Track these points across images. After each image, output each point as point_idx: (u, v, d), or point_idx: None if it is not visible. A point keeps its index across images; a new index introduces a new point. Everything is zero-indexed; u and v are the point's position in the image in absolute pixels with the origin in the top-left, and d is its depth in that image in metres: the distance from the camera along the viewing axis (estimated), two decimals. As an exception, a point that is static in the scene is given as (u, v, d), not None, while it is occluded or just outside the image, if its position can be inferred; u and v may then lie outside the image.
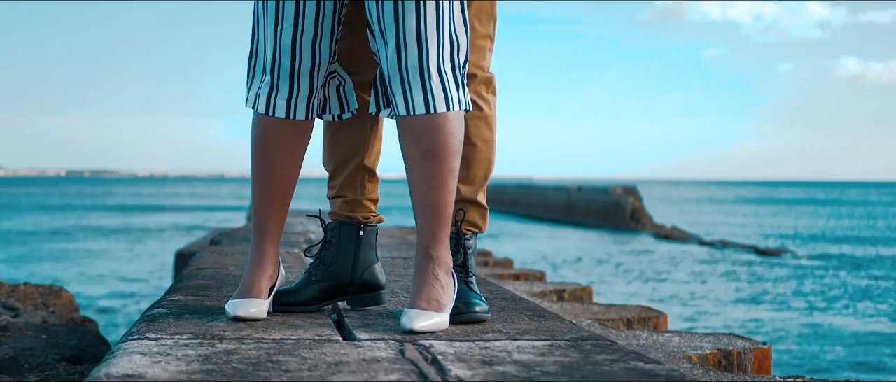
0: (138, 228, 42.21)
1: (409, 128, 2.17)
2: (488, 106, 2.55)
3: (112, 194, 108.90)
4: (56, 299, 4.13)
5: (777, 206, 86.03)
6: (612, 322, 4.53)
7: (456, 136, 2.18)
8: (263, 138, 2.29)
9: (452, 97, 2.17)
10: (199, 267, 3.47)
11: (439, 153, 2.16)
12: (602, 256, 28.34)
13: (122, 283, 20.90)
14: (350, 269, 2.51)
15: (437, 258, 2.22)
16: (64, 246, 31.46)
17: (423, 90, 2.14)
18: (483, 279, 5.41)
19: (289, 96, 2.27)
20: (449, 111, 2.16)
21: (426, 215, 2.20)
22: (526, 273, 5.79)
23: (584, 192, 52.09)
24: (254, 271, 2.34)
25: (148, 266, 24.64)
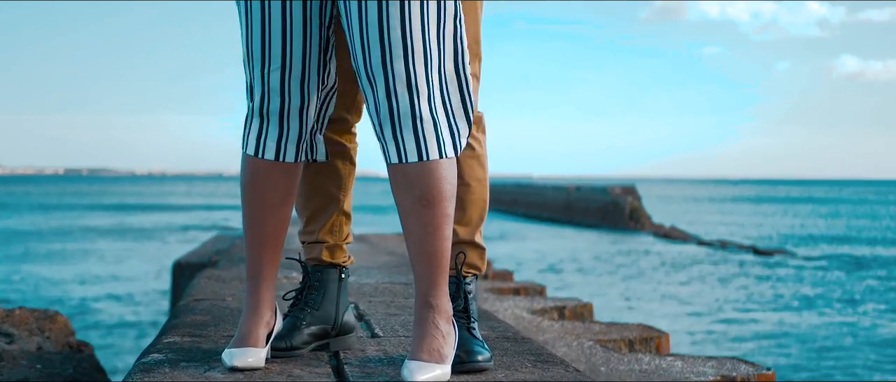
0: (137, 228, 42.16)
1: (401, 174, 2.12)
2: (480, 144, 2.54)
3: (110, 193, 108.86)
4: (51, 324, 4.08)
5: (775, 205, 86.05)
6: (614, 344, 4.49)
7: (450, 181, 2.15)
8: (254, 180, 2.25)
9: (445, 143, 2.14)
10: (196, 297, 3.42)
11: (434, 199, 2.12)
12: (601, 258, 28.29)
13: (119, 285, 20.82)
14: (334, 313, 2.54)
15: (437, 307, 2.17)
16: (62, 247, 31.40)
17: (416, 137, 2.10)
18: (483, 298, 5.38)
19: (278, 138, 2.24)
20: (442, 158, 2.12)
21: (424, 262, 2.16)
22: (525, 287, 5.75)
23: (582, 192, 52.08)
24: (250, 318, 2.30)
25: (145, 268, 24.57)
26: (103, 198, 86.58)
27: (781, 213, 66.94)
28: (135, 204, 71.00)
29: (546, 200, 57.30)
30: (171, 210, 63.20)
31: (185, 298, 3.42)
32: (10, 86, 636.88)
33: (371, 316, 3.12)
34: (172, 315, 3.11)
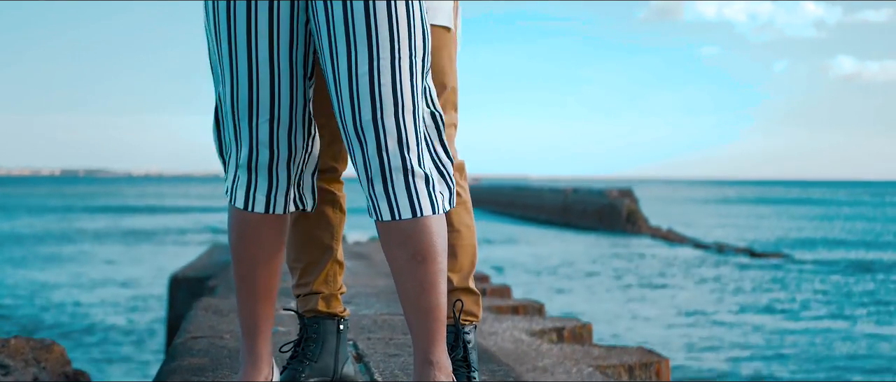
0: (133, 232, 42.08)
1: (394, 231, 2.08)
2: (464, 190, 2.54)
3: (107, 195, 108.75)
4: (47, 354, 4.05)
5: (772, 206, 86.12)
6: (613, 370, 4.46)
7: (442, 236, 2.12)
8: (244, 234, 2.21)
9: (437, 198, 2.10)
10: (194, 334, 3.38)
11: (428, 255, 2.09)
12: (598, 263, 28.26)
13: (115, 291, 20.77)
14: (333, 364, 2.51)
15: (436, 363, 2.15)
16: (57, 251, 31.35)
17: (409, 193, 2.06)
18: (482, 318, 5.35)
19: (268, 191, 2.19)
20: (435, 214, 2.09)
21: (421, 319, 2.13)
22: (524, 305, 5.71)
23: (579, 194, 52.10)
24: (248, 373, 2.27)
25: (141, 272, 24.53)
26: (100, 200, 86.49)
27: (778, 215, 66.98)
28: (131, 206, 70.93)
29: (543, 202, 57.31)
30: (167, 212, 63.14)
31: (182, 335, 3.37)
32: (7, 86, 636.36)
33: (370, 358, 3.09)
34: (169, 356, 3.07)
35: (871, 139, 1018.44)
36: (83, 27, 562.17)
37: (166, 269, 24.86)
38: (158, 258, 28.76)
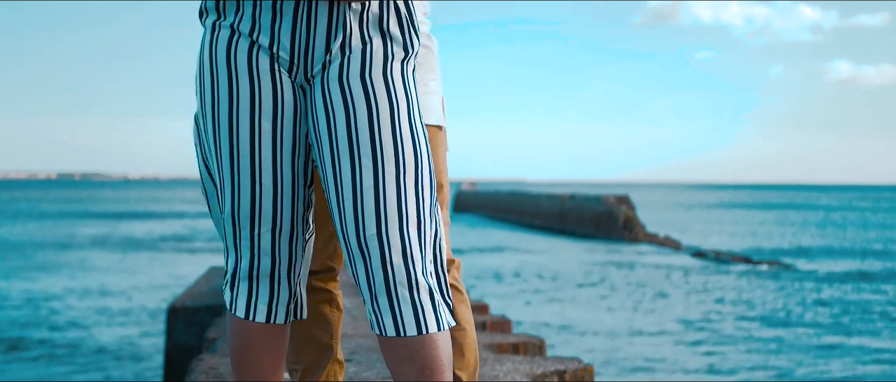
0: (129, 238, 42.02)
1: (400, 346, 2.02)
2: (462, 286, 2.53)
3: (103, 199, 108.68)
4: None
5: (770, 212, 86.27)
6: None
7: (448, 349, 2.07)
8: (246, 345, 2.15)
9: (442, 316, 2.04)
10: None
11: (436, 370, 2.03)
12: (596, 275, 28.23)
13: (111, 301, 20.71)
14: None
15: None
16: (53, 258, 31.29)
17: (414, 309, 2.00)
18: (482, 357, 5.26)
19: (269, 300, 2.13)
20: (440, 331, 2.03)
21: None
22: (524, 342, 5.63)
23: (576, 201, 52.09)
24: None
25: (137, 280, 24.48)
26: (96, 205, 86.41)
27: (775, 221, 67.07)
28: (127, 213, 70.83)
29: (540, 209, 57.31)
30: (163, 217, 63.09)
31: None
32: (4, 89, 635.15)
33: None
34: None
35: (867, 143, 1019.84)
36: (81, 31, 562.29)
37: (162, 277, 24.85)
38: (155, 265, 28.70)
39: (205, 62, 2.08)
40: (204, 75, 2.09)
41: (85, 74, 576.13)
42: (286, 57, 2.05)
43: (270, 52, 2.05)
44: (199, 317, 6.11)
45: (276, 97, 2.05)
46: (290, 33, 2.04)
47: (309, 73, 2.06)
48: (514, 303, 20.48)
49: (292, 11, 2.03)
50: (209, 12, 2.11)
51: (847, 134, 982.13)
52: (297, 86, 2.08)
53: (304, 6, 2.03)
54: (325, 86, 2.04)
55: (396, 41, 2.08)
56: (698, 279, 26.73)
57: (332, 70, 2.04)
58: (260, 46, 2.05)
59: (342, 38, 2.04)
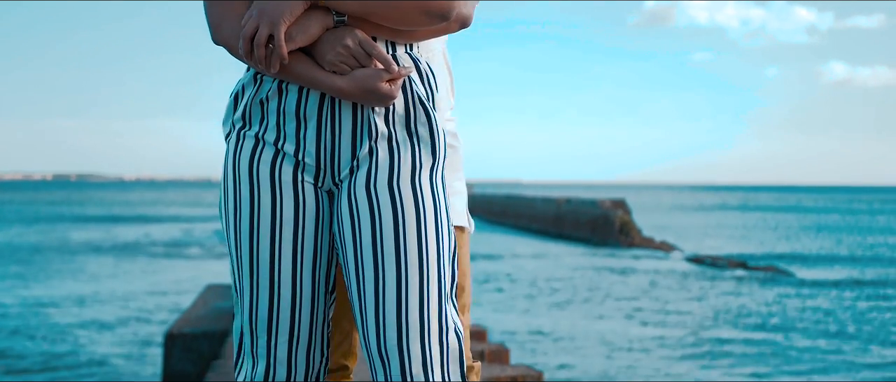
0: (125, 243, 41.94)
1: None
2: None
3: (98, 201, 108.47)
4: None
5: (766, 214, 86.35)
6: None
7: None
8: None
9: None
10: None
11: None
12: (590, 282, 28.23)
13: (105, 309, 20.64)
14: None
15: None
16: (48, 263, 31.22)
17: None
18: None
19: None
20: None
21: None
22: (523, 376, 5.66)
23: (572, 205, 52.09)
24: None
25: (132, 287, 24.43)
26: (91, 208, 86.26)
27: (772, 225, 67.12)
28: (123, 216, 70.72)
29: (536, 212, 57.31)
30: (159, 221, 63.00)
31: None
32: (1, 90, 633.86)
33: None
34: None
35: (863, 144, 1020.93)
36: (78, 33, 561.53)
37: (159, 284, 24.79)
38: (151, 271, 28.65)
39: (228, 172, 2.07)
40: (227, 185, 2.07)
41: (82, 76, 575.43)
42: (312, 163, 2.03)
43: (295, 160, 2.03)
44: (196, 344, 6.10)
45: (298, 207, 2.04)
46: (315, 139, 2.02)
47: (336, 178, 2.04)
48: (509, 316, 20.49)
49: (316, 116, 2.02)
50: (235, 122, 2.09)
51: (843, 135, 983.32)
52: (323, 191, 2.06)
53: (327, 111, 2.02)
54: (351, 191, 2.02)
55: (425, 144, 2.05)
56: (693, 285, 26.74)
57: (360, 176, 2.02)
58: (285, 154, 2.04)
59: (369, 141, 2.02)
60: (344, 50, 1.97)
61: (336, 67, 1.98)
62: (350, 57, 1.97)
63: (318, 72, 1.99)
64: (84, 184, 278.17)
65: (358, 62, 1.98)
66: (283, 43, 1.94)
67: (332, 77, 1.99)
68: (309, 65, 1.99)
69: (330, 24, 1.98)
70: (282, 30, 1.93)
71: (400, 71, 2.00)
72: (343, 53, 1.97)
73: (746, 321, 20.25)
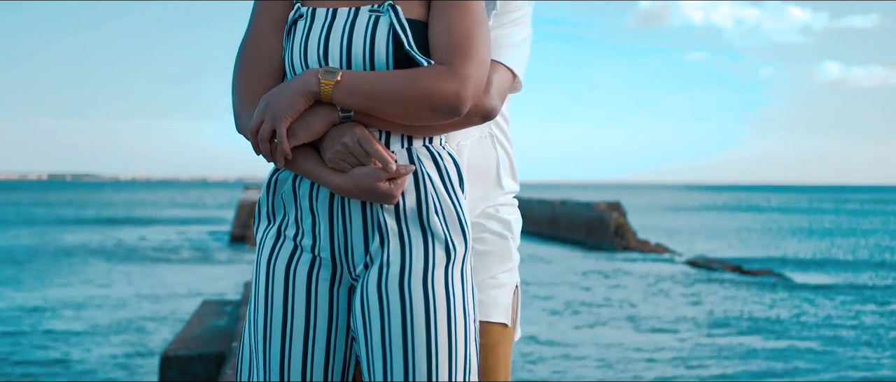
0: (121, 247, 41.86)
1: None
2: None
3: (94, 202, 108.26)
4: None
5: (762, 215, 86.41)
6: None
7: None
8: None
9: None
10: None
11: None
12: (586, 286, 28.25)
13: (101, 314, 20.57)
14: None
15: None
16: (43, 268, 31.14)
17: None
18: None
19: None
20: None
21: None
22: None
23: (567, 207, 52.11)
24: None
25: (128, 291, 24.39)
26: (87, 210, 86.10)
27: (767, 227, 67.18)
28: (118, 218, 70.60)
29: (531, 214, 57.28)
30: (154, 223, 62.89)
31: None
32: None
33: None
34: None
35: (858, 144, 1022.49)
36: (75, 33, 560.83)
37: (151, 290, 24.70)
38: (147, 277, 28.62)
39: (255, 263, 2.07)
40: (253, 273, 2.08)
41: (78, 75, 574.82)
42: (328, 258, 2.02)
43: (312, 255, 2.02)
44: (192, 367, 6.13)
45: (309, 303, 2.02)
46: (328, 235, 2.00)
47: (352, 274, 2.02)
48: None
49: (328, 212, 2.00)
50: (261, 218, 2.09)
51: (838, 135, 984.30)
52: (342, 289, 2.04)
53: (338, 206, 1.99)
54: (364, 291, 1.99)
55: (439, 241, 1.98)
56: (688, 290, 26.76)
57: (372, 274, 1.98)
58: (302, 250, 2.02)
59: (379, 238, 1.98)
60: (342, 147, 1.94)
61: (336, 165, 1.96)
62: (349, 154, 1.95)
63: (321, 169, 1.97)
64: (79, 184, 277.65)
65: (357, 160, 1.95)
66: (285, 139, 1.93)
67: (333, 175, 1.96)
68: (314, 161, 1.98)
69: (336, 120, 1.96)
70: (284, 126, 1.93)
71: (399, 170, 1.95)
72: (342, 151, 1.95)
73: (741, 325, 20.28)
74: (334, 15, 2.01)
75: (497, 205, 2.31)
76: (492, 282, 2.25)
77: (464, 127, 2.05)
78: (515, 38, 2.16)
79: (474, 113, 2.01)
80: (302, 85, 1.93)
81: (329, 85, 1.92)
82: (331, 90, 1.92)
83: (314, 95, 1.93)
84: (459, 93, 1.93)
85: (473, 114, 2.01)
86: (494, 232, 2.28)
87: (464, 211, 2.04)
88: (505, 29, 2.15)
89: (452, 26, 1.96)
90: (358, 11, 2.00)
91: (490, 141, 2.29)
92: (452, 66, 1.93)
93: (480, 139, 2.26)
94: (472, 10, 1.98)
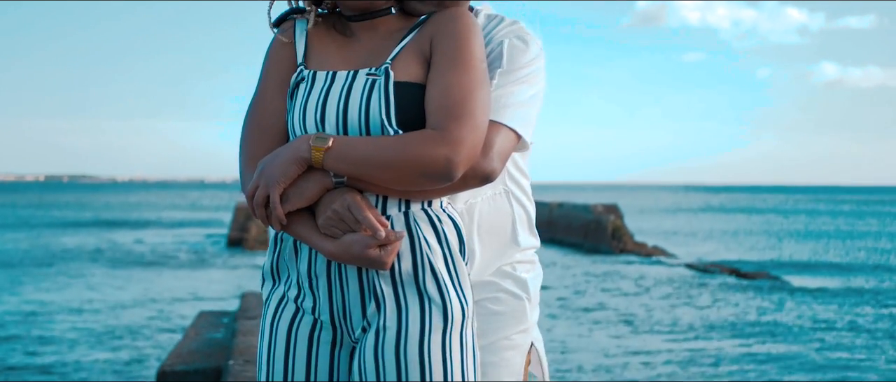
0: (118, 251, 41.84)
1: None
2: None
3: (91, 205, 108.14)
4: None
5: (759, 216, 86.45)
6: None
7: None
8: None
9: None
10: None
11: None
12: (583, 289, 28.25)
13: (97, 319, 20.58)
14: None
15: None
16: (39, 272, 31.11)
17: None
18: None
19: None
20: None
21: None
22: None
23: (564, 209, 52.15)
24: None
25: (125, 296, 24.38)
26: (83, 212, 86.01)
27: (764, 227, 67.25)
28: (115, 220, 70.53)
29: (528, 216, 57.39)
30: (151, 226, 62.86)
31: None
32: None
33: None
34: None
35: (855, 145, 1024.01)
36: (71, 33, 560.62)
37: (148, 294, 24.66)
38: (141, 283, 28.60)
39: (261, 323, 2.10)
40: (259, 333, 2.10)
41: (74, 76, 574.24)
42: (328, 320, 2.03)
43: (313, 318, 2.03)
44: (189, 380, 6.12)
45: (309, 366, 2.04)
46: (327, 298, 2.01)
47: (352, 337, 2.03)
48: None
49: (326, 276, 2.01)
50: (266, 277, 2.11)
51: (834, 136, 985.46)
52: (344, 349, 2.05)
53: (335, 270, 1.99)
54: (361, 355, 1.99)
55: (435, 305, 1.97)
56: (685, 293, 26.77)
57: (369, 339, 1.98)
58: (304, 312, 2.04)
59: (375, 302, 1.98)
60: (333, 214, 1.95)
61: (328, 231, 1.96)
62: (340, 221, 1.94)
63: (315, 234, 1.97)
64: (76, 186, 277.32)
65: (348, 226, 1.94)
66: (278, 206, 1.94)
67: (325, 241, 1.96)
68: (308, 226, 1.99)
69: (329, 185, 1.96)
70: (277, 192, 1.93)
71: (389, 237, 1.93)
72: (332, 218, 1.95)
73: (737, 329, 20.29)
74: (333, 78, 2.02)
75: (513, 263, 2.28)
76: (506, 344, 2.22)
77: (463, 190, 2.04)
78: (521, 97, 2.10)
79: (472, 176, 1.99)
80: (294, 152, 1.94)
81: (320, 152, 1.93)
82: (322, 157, 1.92)
83: (306, 162, 1.94)
84: (451, 158, 1.90)
85: (471, 177, 1.99)
86: (509, 292, 2.25)
87: (461, 275, 2.02)
88: (510, 87, 2.10)
89: (448, 89, 1.95)
90: (356, 75, 2.01)
91: (505, 197, 2.26)
92: (445, 131, 1.91)
93: (494, 196, 2.23)
94: (469, 70, 1.97)
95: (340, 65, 2.05)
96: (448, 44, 1.98)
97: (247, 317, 7.44)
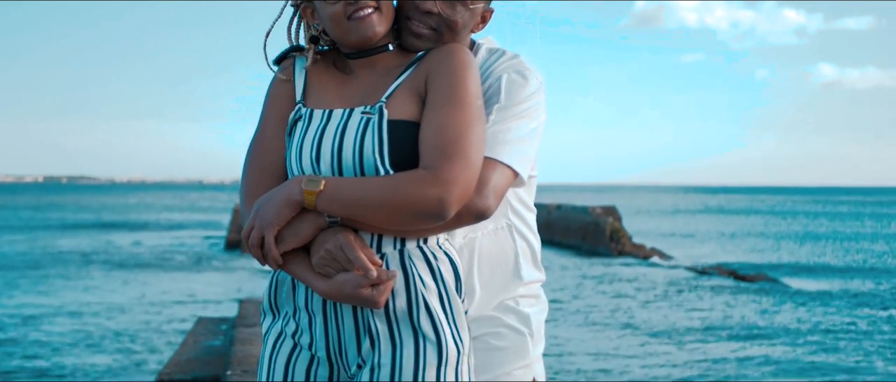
0: (117, 254, 41.82)
1: None
2: None
3: (90, 206, 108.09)
4: None
5: (758, 217, 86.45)
6: None
7: None
8: None
9: None
10: None
11: None
12: (581, 291, 28.25)
13: (95, 321, 20.53)
14: None
15: None
16: (37, 275, 31.07)
17: None
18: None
19: None
20: None
21: None
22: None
23: (563, 211, 52.14)
24: None
25: (122, 299, 24.35)
26: (82, 213, 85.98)
27: (763, 228, 67.27)
28: (114, 222, 70.51)
29: (527, 218, 57.37)
30: (150, 228, 62.85)
31: None
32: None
33: None
34: None
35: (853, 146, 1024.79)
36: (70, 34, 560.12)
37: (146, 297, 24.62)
38: (140, 286, 28.57)
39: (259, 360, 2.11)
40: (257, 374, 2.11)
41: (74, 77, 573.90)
42: (324, 356, 2.04)
43: (310, 354, 2.04)
44: (188, 390, 6.13)
45: None
46: (323, 335, 2.02)
47: (348, 373, 2.03)
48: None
49: (321, 313, 2.02)
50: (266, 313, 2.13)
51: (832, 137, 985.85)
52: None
53: (330, 307, 2.01)
54: None
55: (430, 342, 1.97)
56: (682, 295, 26.76)
57: (364, 376, 1.98)
58: (301, 348, 2.05)
59: (369, 340, 1.98)
60: (325, 254, 1.95)
61: (321, 270, 1.96)
62: (332, 260, 1.95)
63: (309, 273, 1.98)
64: (75, 187, 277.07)
65: (341, 265, 1.95)
66: (273, 247, 1.95)
67: (319, 279, 1.97)
68: (303, 265, 1.99)
69: (324, 225, 1.96)
70: (271, 233, 1.94)
71: (380, 276, 1.93)
72: (325, 257, 1.95)
73: (734, 331, 20.28)
74: (329, 117, 2.03)
75: (517, 297, 2.26)
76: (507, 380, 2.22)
77: (457, 227, 2.03)
78: (519, 132, 2.08)
79: (466, 214, 1.98)
80: (287, 195, 1.94)
81: (312, 195, 1.93)
82: (314, 200, 1.93)
83: (299, 205, 1.94)
84: (443, 198, 1.90)
85: (465, 215, 1.98)
86: (511, 327, 2.23)
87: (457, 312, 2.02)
88: (508, 123, 2.08)
89: (441, 127, 1.94)
90: (351, 113, 2.01)
91: (507, 231, 2.24)
92: (437, 171, 1.91)
93: (496, 230, 2.22)
94: (463, 108, 1.96)
95: (338, 102, 2.05)
96: (442, 81, 1.98)
97: (245, 325, 7.46)
